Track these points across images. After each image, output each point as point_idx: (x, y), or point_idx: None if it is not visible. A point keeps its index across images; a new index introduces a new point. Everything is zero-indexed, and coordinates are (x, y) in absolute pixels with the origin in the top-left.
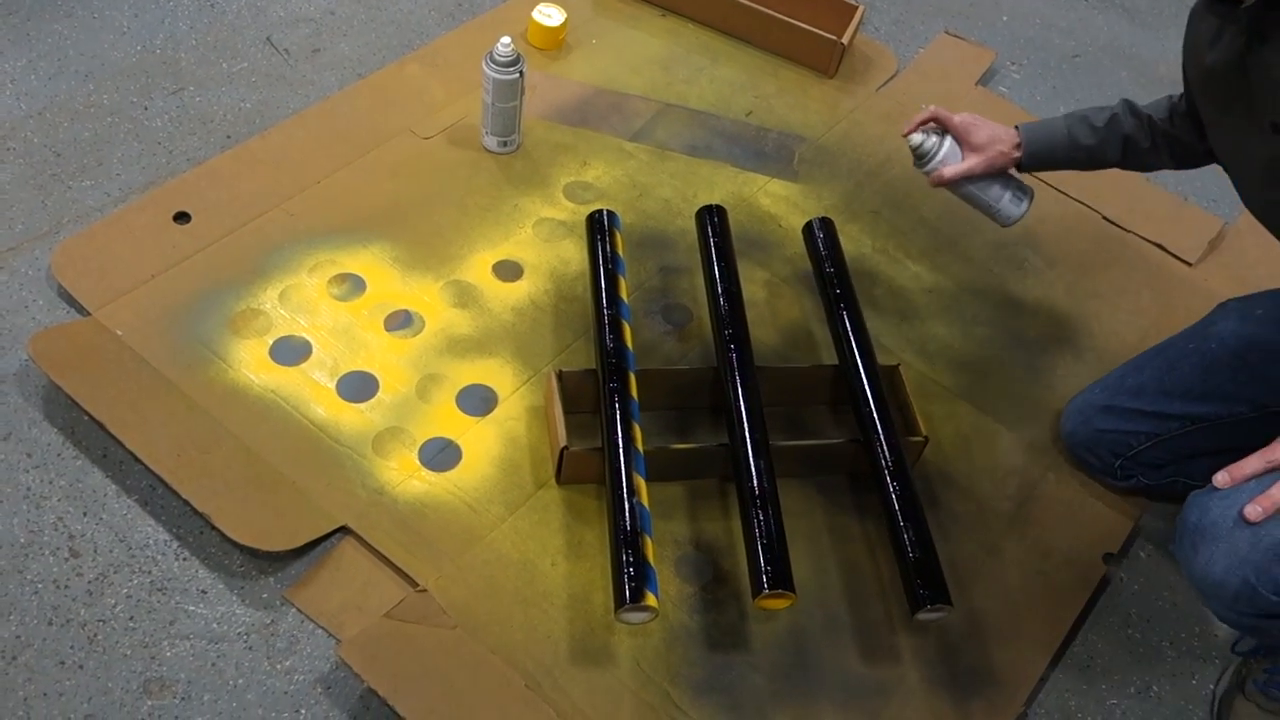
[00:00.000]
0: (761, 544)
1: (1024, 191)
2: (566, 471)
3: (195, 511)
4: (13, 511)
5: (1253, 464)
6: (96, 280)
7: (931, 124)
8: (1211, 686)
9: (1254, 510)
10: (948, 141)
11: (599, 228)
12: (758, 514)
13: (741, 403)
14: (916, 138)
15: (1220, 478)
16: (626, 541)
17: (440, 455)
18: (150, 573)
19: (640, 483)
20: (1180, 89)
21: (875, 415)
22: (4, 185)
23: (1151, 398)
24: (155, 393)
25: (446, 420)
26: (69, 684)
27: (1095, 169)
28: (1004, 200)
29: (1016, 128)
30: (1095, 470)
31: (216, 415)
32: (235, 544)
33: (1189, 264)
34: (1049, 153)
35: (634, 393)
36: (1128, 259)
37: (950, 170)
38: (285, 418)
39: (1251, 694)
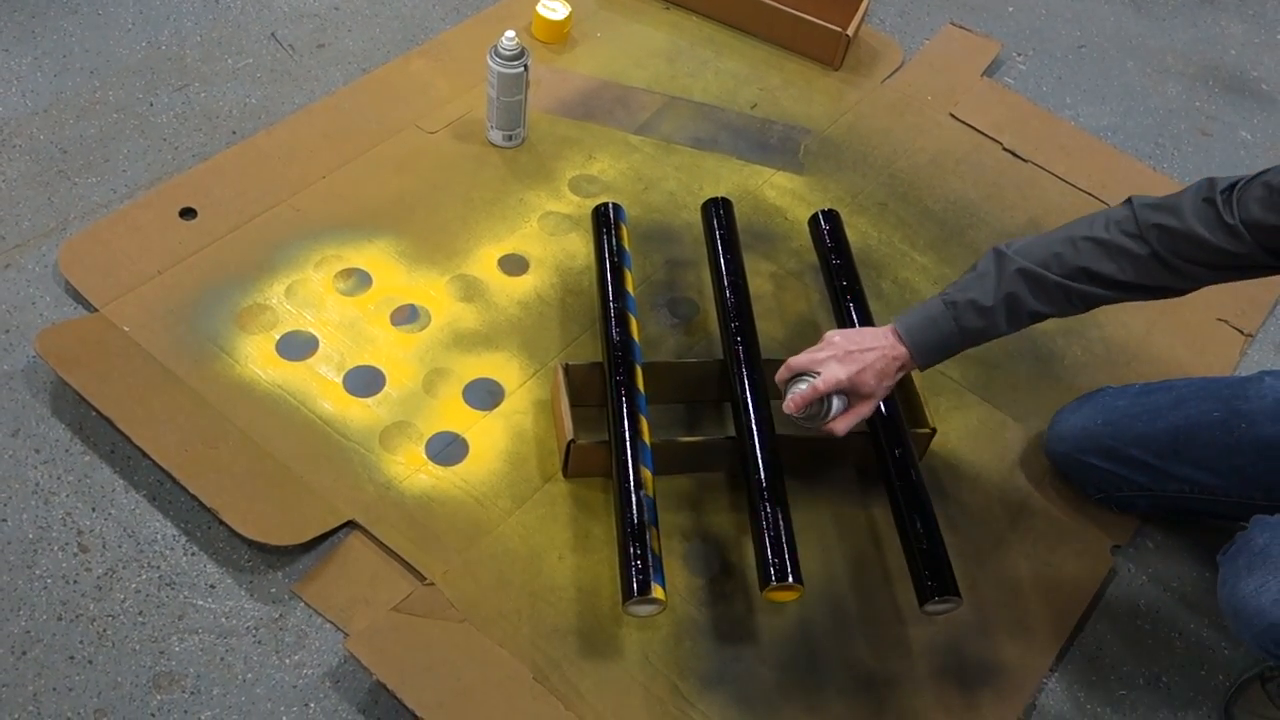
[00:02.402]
0: (769, 536)
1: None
2: (573, 465)
3: (203, 506)
4: (21, 507)
5: None
6: (103, 276)
7: (805, 377)
8: (1221, 677)
9: None
10: (836, 399)
11: (604, 221)
12: (765, 506)
13: (748, 395)
14: (809, 409)
15: None
16: (634, 534)
17: (447, 449)
18: (159, 568)
19: (647, 475)
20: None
21: (882, 407)
22: (10, 182)
23: (1159, 454)
24: (162, 388)
25: (453, 414)
26: (78, 679)
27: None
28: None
29: (902, 338)
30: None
31: (223, 410)
32: (243, 539)
33: None
34: (942, 353)
35: (640, 386)
36: None
37: (843, 425)
38: (292, 413)
39: (1272, 693)
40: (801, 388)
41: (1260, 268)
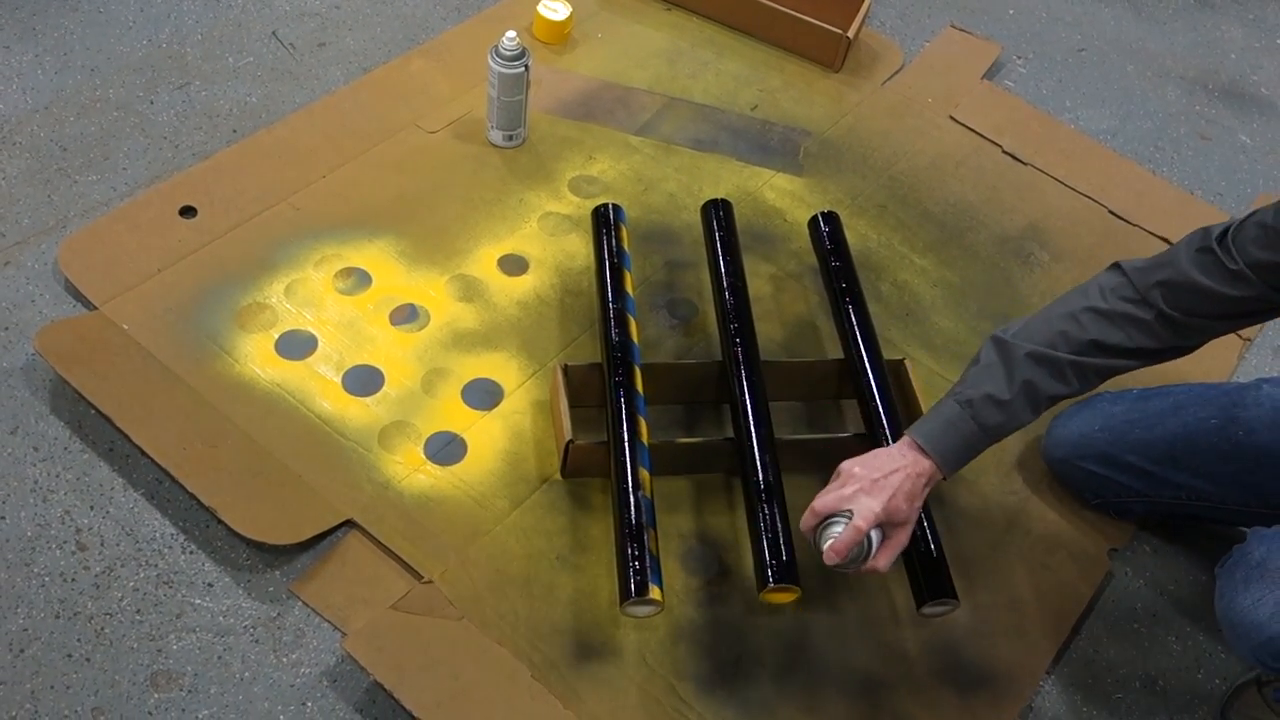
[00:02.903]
0: (767, 538)
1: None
2: (572, 465)
3: (202, 505)
4: (20, 505)
5: None
6: (103, 275)
7: (837, 519)
8: (1218, 681)
9: None
10: (874, 533)
11: (604, 222)
12: (763, 508)
13: (747, 397)
14: (850, 553)
15: None
16: (632, 535)
17: (446, 449)
18: (157, 566)
19: (645, 476)
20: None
21: (881, 410)
22: (10, 180)
23: (1156, 461)
24: (161, 387)
25: (452, 414)
26: (76, 677)
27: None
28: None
29: (922, 449)
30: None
31: (223, 409)
32: (241, 537)
33: None
34: (967, 455)
35: (639, 387)
36: (1134, 253)
37: (885, 560)
38: (291, 412)
39: (1270, 699)
40: (837, 531)
41: (1267, 312)
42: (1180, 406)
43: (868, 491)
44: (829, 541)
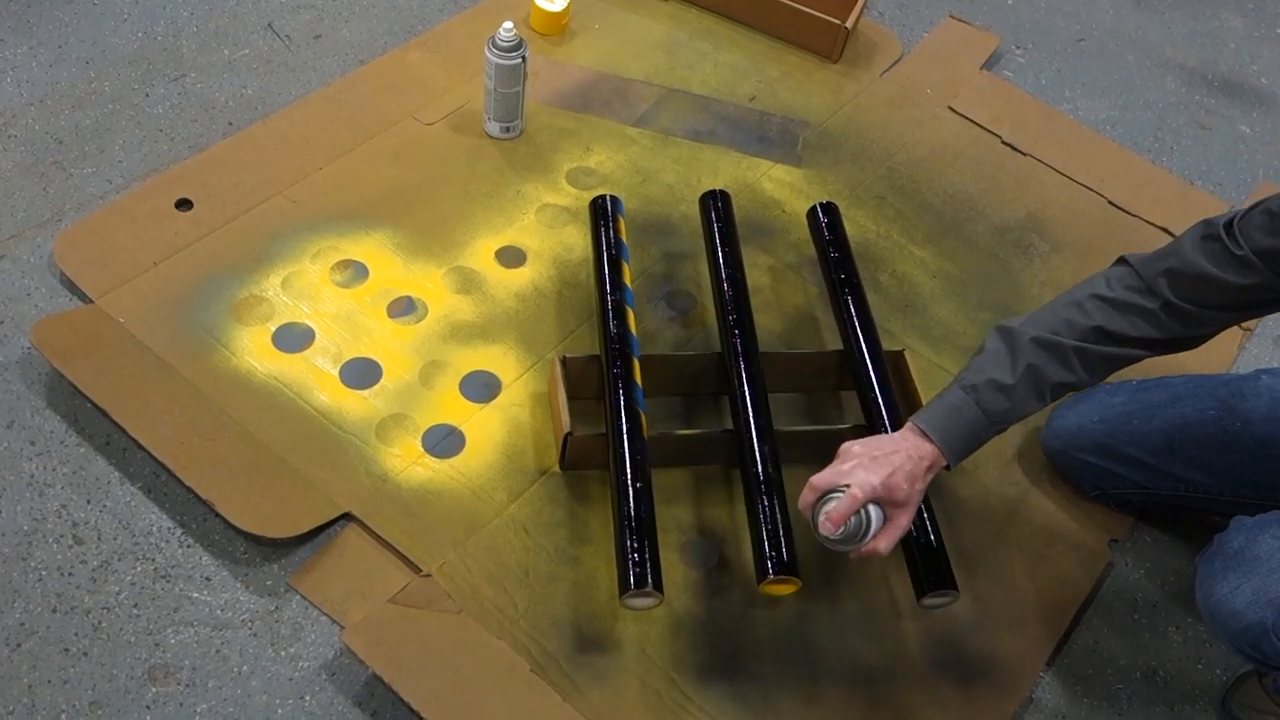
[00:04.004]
0: (766, 530)
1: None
2: (570, 457)
3: (199, 499)
4: (16, 499)
5: None
6: (98, 268)
7: (834, 494)
8: (1218, 672)
9: None
10: (874, 510)
11: (602, 213)
12: (762, 500)
13: (746, 388)
14: (847, 527)
15: None
16: (631, 527)
17: (444, 442)
18: (154, 560)
19: (644, 468)
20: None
21: (880, 401)
22: (5, 173)
23: (1154, 453)
24: (158, 380)
25: (450, 407)
26: (73, 671)
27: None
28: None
29: (925, 434)
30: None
31: (219, 402)
32: (239, 531)
33: None
34: (971, 442)
35: (638, 378)
36: (1134, 243)
37: (886, 542)
38: (288, 405)
39: (1270, 690)
40: (834, 503)
41: (1273, 303)
42: (1178, 398)
43: (866, 467)
44: (824, 514)
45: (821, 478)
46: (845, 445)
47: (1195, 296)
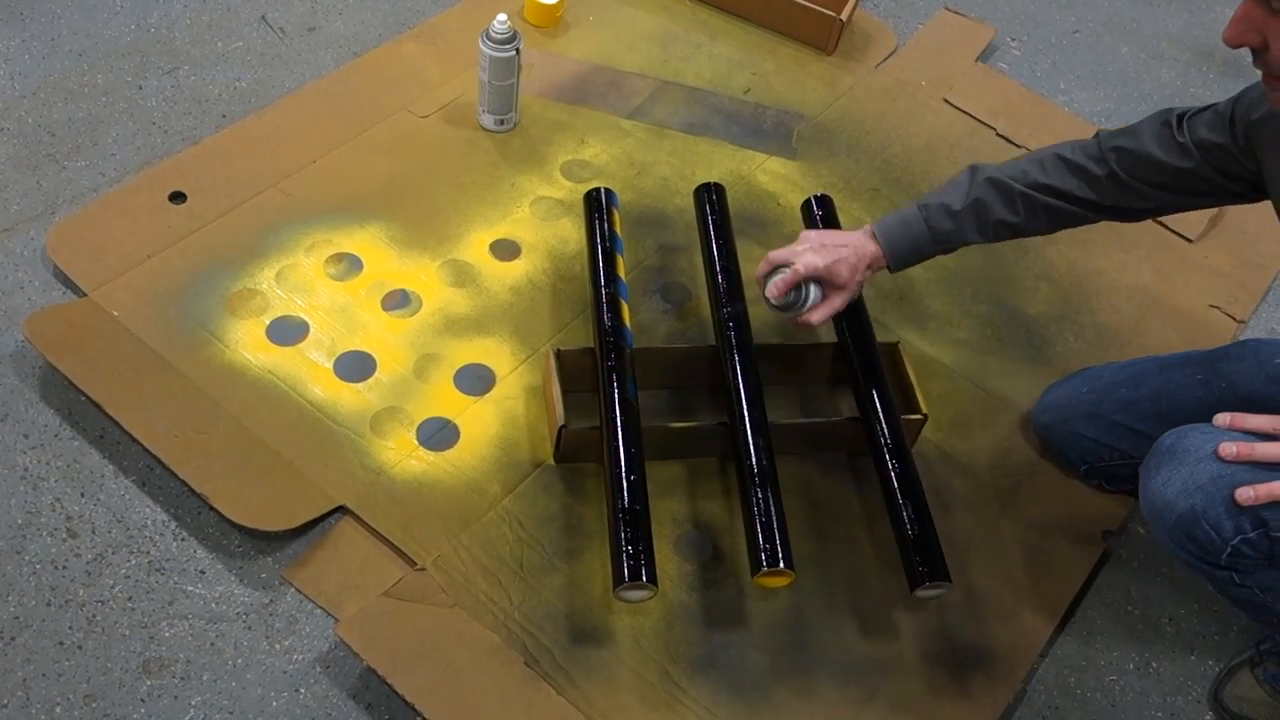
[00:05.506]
0: (760, 522)
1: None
2: (565, 450)
3: (193, 492)
4: (10, 493)
5: (1259, 421)
6: (92, 261)
7: (785, 268)
8: (1211, 662)
9: (1229, 450)
10: (814, 288)
11: (597, 206)
12: (757, 492)
13: (740, 381)
14: (788, 297)
15: (1221, 418)
16: (625, 520)
17: (438, 435)
18: (148, 553)
19: (639, 461)
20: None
21: (874, 393)
22: None
23: (1141, 417)
24: (152, 373)
25: (444, 400)
26: (68, 664)
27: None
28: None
29: (875, 238)
30: (1061, 461)
31: (214, 395)
32: (233, 524)
33: (1190, 240)
34: (913, 255)
35: (632, 371)
36: (1128, 235)
37: (818, 315)
38: (283, 398)
39: (1262, 679)
40: (780, 275)
41: (1209, 194)
42: (1166, 366)
43: (816, 251)
44: (771, 282)
45: (777, 253)
46: (805, 231)
47: (1136, 172)
